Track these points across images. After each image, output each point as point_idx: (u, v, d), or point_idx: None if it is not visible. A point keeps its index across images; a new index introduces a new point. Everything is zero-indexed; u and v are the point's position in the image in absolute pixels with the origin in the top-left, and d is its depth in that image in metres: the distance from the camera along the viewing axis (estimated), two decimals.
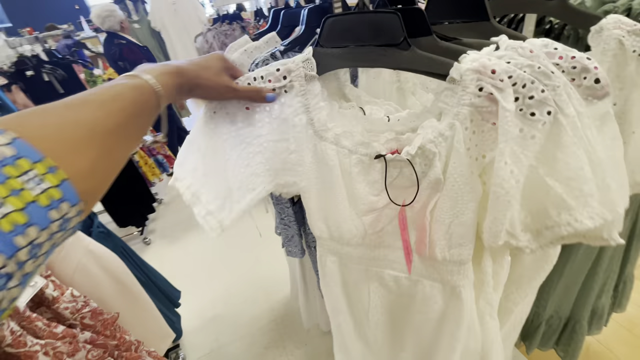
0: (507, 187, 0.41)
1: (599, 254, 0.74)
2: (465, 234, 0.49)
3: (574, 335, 0.88)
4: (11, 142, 0.22)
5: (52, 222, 0.24)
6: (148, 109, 0.34)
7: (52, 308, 0.64)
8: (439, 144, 0.44)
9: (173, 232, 2.32)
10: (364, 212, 0.53)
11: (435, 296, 0.58)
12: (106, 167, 0.29)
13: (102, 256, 0.86)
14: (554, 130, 0.38)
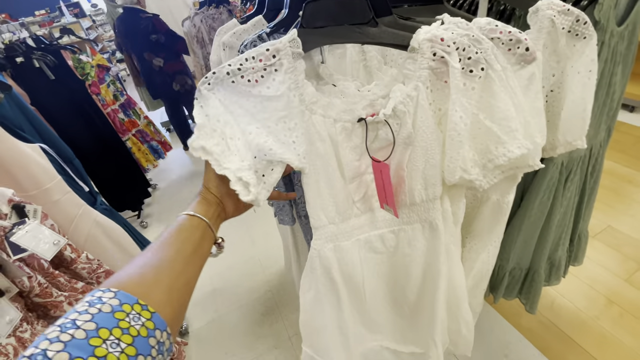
0: (459, 130, 0.52)
1: (551, 210, 0.85)
2: (436, 174, 0.60)
3: (533, 284, 1.00)
4: (115, 295, 0.30)
5: (152, 348, 0.30)
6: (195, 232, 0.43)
7: (71, 268, 0.72)
8: (407, 104, 0.53)
9: (169, 216, 2.39)
10: (350, 179, 0.60)
11: (417, 236, 0.68)
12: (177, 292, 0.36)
13: (109, 228, 0.94)
14: (487, 82, 0.49)
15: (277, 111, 0.50)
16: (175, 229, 0.41)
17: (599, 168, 0.91)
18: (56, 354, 0.24)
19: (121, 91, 2.31)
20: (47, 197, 0.79)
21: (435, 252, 0.69)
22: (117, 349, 0.27)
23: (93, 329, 0.27)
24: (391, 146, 0.57)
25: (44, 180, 0.80)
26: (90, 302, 0.29)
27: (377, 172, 0.60)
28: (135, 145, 2.37)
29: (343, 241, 0.65)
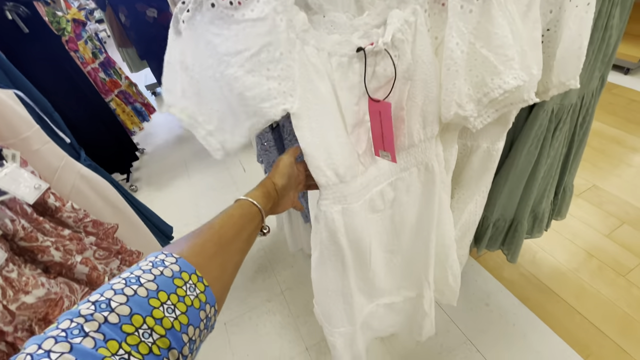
0: (455, 57, 0.50)
1: (538, 159, 0.86)
2: (434, 110, 0.58)
3: (516, 234, 1.03)
4: (176, 261, 0.31)
5: (201, 321, 0.30)
6: (253, 219, 0.45)
7: (56, 217, 0.71)
8: (405, 32, 0.49)
9: (159, 179, 2.37)
10: (350, 127, 0.56)
11: (414, 181, 0.68)
12: (228, 271, 0.37)
13: (94, 180, 0.92)
14: (485, 6, 0.46)
15: (260, 37, 0.44)
16: (239, 214, 0.43)
17: (589, 119, 0.91)
18: (119, 305, 0.25)
19: (100, 49, 2.19)
20: (25, 146, 0.76)
21: (430, 193, 0.69)
22: (172, 314, 0.27)
23: (154, 289, 0.27)
24: (390, 83, 0.52)
25: (21, 129, 0.76)
26: (153, 262, 0.30)
27: (374, 115, 0.55)
28: (119, 106, 2.29)
29: (353, 203, 0.61)
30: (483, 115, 0.58)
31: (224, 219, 0.41)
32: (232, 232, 0.40)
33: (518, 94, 0.54)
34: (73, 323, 0.23)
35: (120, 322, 0.24)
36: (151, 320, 0.26)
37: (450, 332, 1.26)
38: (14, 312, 0.55)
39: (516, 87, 0.50)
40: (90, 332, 0.23)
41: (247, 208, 0.45)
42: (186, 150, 2.63)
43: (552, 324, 1.23)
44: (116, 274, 0.78)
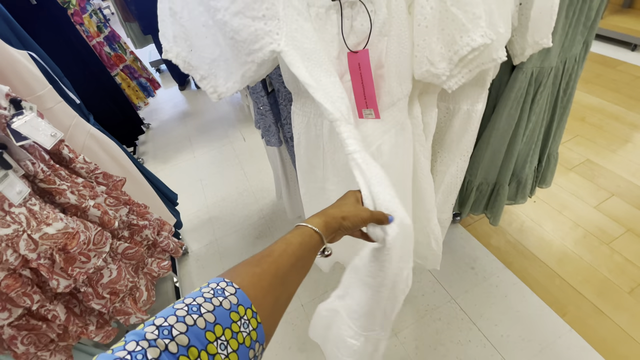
0: (425, 13, 0.54)
1: (519, 122, 0.90)
2: (408, 66, 0.61)
3: (498, 198, 1.09)
4: (235, 292, 0.31)
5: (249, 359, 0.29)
6: (313, 248, 0.43)
7: (70, 167, 0.79)
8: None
9: (165, 152, 2.45)
10: None
11: (395, 143, 0.69)
12: (280, 305, 0.36)
13: (103, 140, 0.99)
14: None
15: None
16: (298, 242, 0.41)
17: (573, 85, 0.95)
18: (179, 334, 0.26)
19: (104, 23, 2.22)
20: (39, 103, 0.83)
21: (406, 155, 0.74)
22: (224, 351, 0.27)
23: (212, 322, 0.28)
24: (367, 37, 0.54)
25: (35, 87, 0.83)
26: (214, 290, 0.30)
27: (354, 70, 0.58)
28: (124, 81, 2.34)
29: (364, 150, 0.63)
30: (457, 76, 0.62)
31: (283, 246, 0.40)
32: (290, 262, 0.39)
33: (487, 53, 0.58)
34: (138, 347, 0.24)
35: (178, 353, 0.25)
36: (205, 355, 0.26)
37: (436, 292, 1.34)
38: (37, 241, 0.63)
39: (484, 45, 0.54)
40: (152, 358, 0.24)
41: (308, 236, 0.43)
42: (190, 126, 2.69)
43: (532, 285, 1.30)
44: (125, 221, 0.86)
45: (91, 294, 0.73)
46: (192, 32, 0.51)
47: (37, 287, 0.67)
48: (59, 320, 0.72)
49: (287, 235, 0.42)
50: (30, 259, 0.64)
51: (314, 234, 0.43)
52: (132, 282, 0.79)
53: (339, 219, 0.47)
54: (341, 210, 0.48)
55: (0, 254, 0.61)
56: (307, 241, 0.42)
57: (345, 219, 0.47)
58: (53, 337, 0.74)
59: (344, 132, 0.57)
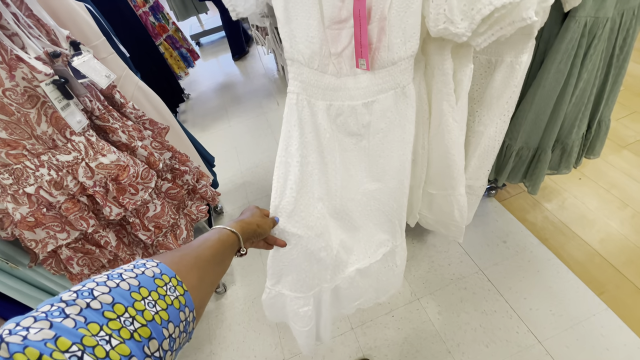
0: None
1: (568, 79, 0.84)
2: (415, 23, 0.59)
3: (539, 164, 1.03)
4: (157, 265, 0.33)
5: (181, 322, 0.31)
6: (230, 245, 0.48)
7: (121, 111, 0.85)
8: None
9: (203, 121, 2.55)
10: (328, 21, 0.58)
11: (390, 106, 0.68)
12: (205, 284, 0.38)
13: (149, 93, 1.06)
14: None
15: None
16: (216, 238, 0.46)
17: (631, 42, 0.87)
18: (101, 294, 0.26)
19: None
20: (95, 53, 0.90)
21: (405, 124, 0.70)
22: (153, 309, 0.29)
23: (136, 285, 0.29)
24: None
25: (91, 37, 0.90)
26: (135, 264, 0.33)
27: (356, 17, 0.57)
28: (167, 50, 2.44)
29: (317, 99, 0.65)
30: (484, 34, 0.58)
31: (201, 240, 0.44)
32: (209, 252, 0.43)
33: (516, 12, 0.53)
34: (54, 307, 0.24)
35: (102, 309, 0.25)
36: (133, 311, 0.27)
37: (463, 262, 1.32)
38: (93, 169, 0.70)
39: (510, 4, 0.50)
40: (71, 314, 0.23)
41: (225, 235, 0.48)
42: (227, 97, 2.77)
43: (569, 262, 1.25)
44: (168, 164, 0.93)
45: (138, 224, 0.80)
46: None
47: (92, 213, 0.74)
48: (110, 247, 0.80)
49: (205, 234, 0.47)
50: (87, 186, 0.71)
51: (230, 234, 0.49)
52: (173, 219, 0.86)
53: (254, 225, 0.56)
54: (254, 219, 0.58)
55: (62, 179, 0.69)
56: (224, 239, 0.47)
57: (259, 227, 0.57)
58: (104, 262, 0.83)
59: (291, 71, 0.62)
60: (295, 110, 0.65)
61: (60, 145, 0.66)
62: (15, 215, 0.67)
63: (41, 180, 0.67)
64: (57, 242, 0.72)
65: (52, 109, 0.63)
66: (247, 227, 0.54)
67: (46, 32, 0.70)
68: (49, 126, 0.63)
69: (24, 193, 0.67)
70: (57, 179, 0.68)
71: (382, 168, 0.77)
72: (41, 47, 0.65)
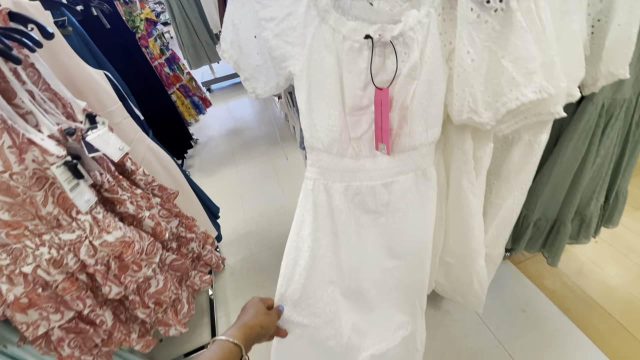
0: (465, 65, 0.51)
1: (586, 156, 0.83)
2: (438, 113, 0.59)
3: (558, 236, 0.99)
4: None
5: None
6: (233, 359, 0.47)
7: (131, 178, 0.84)
8: (417, 31, 0.52)
9: (210, 166, 2.56)
10: (350, 108, 0.58)
11: (410, 186, 0.66)
12: None
13: (160, 154, 1.05)
14: (506, 16, 0.46)
15: (285, 7, 0.53)
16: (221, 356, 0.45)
17: None
18: None
19: (167, 46, 2.42)
20: (110, 118, 0.90)
21: (427, 205, 0.68)
22: None
23: None
24: (399, 77, 0.54)
25: (108, 103, 0.90)
26: None
27: (377, 105, 0.58)
28: (179, 99, 2.51)
29: (335, 182, 0.63)
30: (508, 122, 0.57)
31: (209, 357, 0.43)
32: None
33: (543, 107, 0.53)
34: None
35: None
36: None
37: (482, 334, 1.23)
38: (96, 247, 0.66)
39: (538, 100, 0.50)
40: None
41: (228, 351, 0.46)
42: (234, 142, 2.81)
43: (593, 337, 1.16)
44: (175, 232, 0.89)
45: (138, 302, 0.75)
46: (244, 41, 0.59)
47: (90, 291, 0.70)
48: (105, 326, 0.74)
49: (207, 353, 0.45)
50: (88, 264, 0.67)
51: (233, 348, 0.46)
52: (175, 295, 0.81)
53: (258, 328, 0.52)
54: (258, 320, 0.54)
55: (62, 257, 0.65)
56: (227, 356, 0.45)
57: (263, 328, 0.53)
58: (97, 342, 0.77)
59: (309, 158, 0.63)
60: (310, 195, 0.64)
61: (65, 224, 0.63)
62: (9, 297, 0.63)
63: (40, 259, 0.63)
64: (49, 325, 0.67)
65: (60, 190, 0.61)
66: (250, 333, 0.51)
67: (62, 106, 0.70)
68: (55, 207, 0.61)
69: (20, 273, 0.63)
70: (57, 258, 0.64)
71: (402, 246, 0.74)
72: (55, 123, 0.65)
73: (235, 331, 0.50)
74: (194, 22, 3.15)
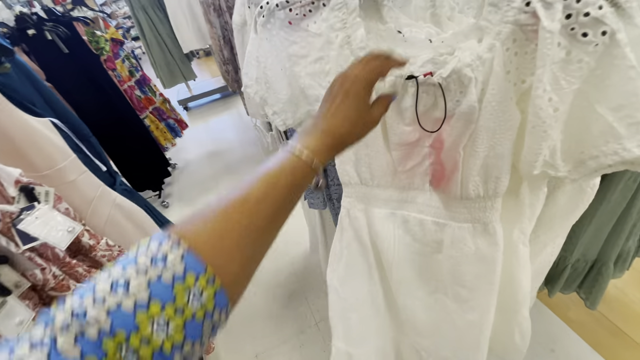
0: (544, 117, 0.39)
1: (635, 195, 0.72)
2: (502, 165, 0.48)
3: (599, 278, 0.88)
4: (183, 257, 0.24)
5: (203, 334, 0.25)
6: (303, 186, 0.34)
7: (90, 256, 0.66)
8: (476, 69, 0.41)
9: (190, 194, 2.36)
10: (395, 145, 0.52)
11: (465, 238, 0.57)
12: (254, 264, 0.30)
13: (130, 210, 0.88)
14: (608, 52, 0.34)
15: (316, 49, 0.49)
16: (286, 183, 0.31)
17: None
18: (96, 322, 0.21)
19: (136, 67, 2.22)
20: (61, 177, 0.72)
21: (489, 262, 0.58)
22: (162, 333, 0.22)
23: (145, 300, 0.22)
24: (451, 117, 0.45)
25: (57, 159, 0.72)
26: (153, 258, 0.24)
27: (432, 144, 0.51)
28: (153, 123, 2.31)
29: (375, 207, 0.60)
30: (588, 175, 0.46)
31: (265, 188, 0.30)
32: (272, 210, 0.30)
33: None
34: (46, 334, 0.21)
35: (99, 339, 0.21)
36: (136, 340, 0.22)
37: None
38: None
39: None
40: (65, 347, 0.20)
41: (300, 170, 0.33)
42: (216, 165, 2.62)
43: None
44: None
45: None
46: (272, 78, 0.57)
47: None
48: None
49: (274, 169, 0.32)
50: None
51: (308, 170, 0.33)
52: None
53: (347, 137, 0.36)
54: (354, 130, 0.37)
55: None
56: (299, 179, 0.32)
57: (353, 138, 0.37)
58: None
59: (345, 191, 0.62)
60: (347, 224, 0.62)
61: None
62: None
63: None
64: None
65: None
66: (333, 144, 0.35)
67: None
68: None
69: None
70: None
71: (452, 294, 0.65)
72: None
73: (312, 140, 0.34)
74: (166, 40, 2.95)
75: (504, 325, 0.84)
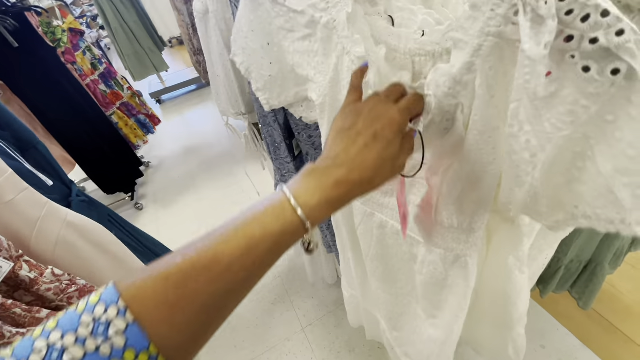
0: (517, 161, 0.31)
1: None
2: (481, 201, 0.41)
3: (594, 278, 0.85)
4: (126, 330, 0.22)
5: None
6: (289, 247, 0.28)
7: (32, 291, 0.56)
8: (459, 94, 0.33)
9: (166, 195, 2.23)
10: None
11: (436, 262, 0.52)
12: (212, 332, 0.26)
13: (84, 227, 0.77)
14: (624, 96, 0.24)
15: (301, 27, 0.46)
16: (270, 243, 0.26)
17: None
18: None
19: (99, 59, 2.05)
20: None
21: (459, 293, 0.53)
22: None
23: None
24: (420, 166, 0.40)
25: None
26: (95, 323, 0.21)
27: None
28: (121, 120, 2.15)
29: (357, 203, 0.59)
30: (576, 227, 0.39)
31: (242, 247, 0.25)
32: (246, 275, 0.25)
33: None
34: None
35: None
36: None
37: None
38: None
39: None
40: None
41: (291, 231, 0.26)
42: (193, 162, 2.49)
43: None
44: None
45: None
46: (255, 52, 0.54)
47: None
48: None
49: (259, 225, 0.26)
50: None
51: (299, 226, 0.26)
52: None
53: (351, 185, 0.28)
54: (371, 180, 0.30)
55: None
56: (287, 240, 0.27)
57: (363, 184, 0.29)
58: None
59: None
60: None
61: None
62: None
63: None
64: None
65: None
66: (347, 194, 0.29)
67: None
68: None
69: None
70: None
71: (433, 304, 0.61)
72: None
73: (317, 192, 0.27)
74: (133, 28, 2.75)
75: (498, 340, 0.80)
